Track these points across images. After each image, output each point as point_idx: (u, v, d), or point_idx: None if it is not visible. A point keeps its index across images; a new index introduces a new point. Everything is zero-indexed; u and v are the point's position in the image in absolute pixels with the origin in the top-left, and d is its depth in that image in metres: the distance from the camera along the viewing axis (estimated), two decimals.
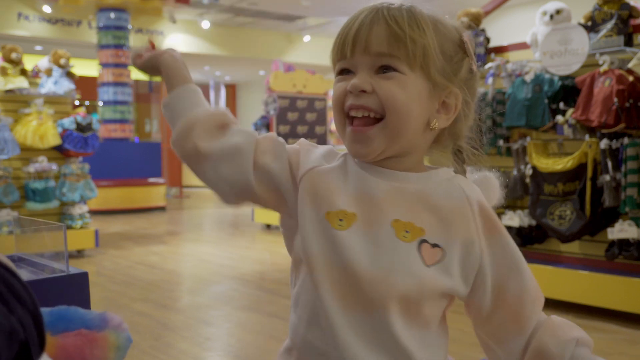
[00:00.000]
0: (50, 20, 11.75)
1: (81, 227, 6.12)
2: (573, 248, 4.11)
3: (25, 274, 1.34)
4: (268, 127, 8.05)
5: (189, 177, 16.26)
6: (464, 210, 0.86)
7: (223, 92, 19.89)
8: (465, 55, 0.90)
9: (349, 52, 0.86)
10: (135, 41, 11.87)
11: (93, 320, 0.73)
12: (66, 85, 6.32)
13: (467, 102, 0.91)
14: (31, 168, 5.87)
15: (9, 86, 5.95)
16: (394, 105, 0.83)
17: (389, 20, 0.84)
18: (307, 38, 14.61)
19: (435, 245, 0.84)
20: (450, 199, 0.87)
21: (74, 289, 1.32)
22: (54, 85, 6.33)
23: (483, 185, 0.96)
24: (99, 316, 0.74)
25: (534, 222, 4.16)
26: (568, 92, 3.95)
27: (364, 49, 0.84)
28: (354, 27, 0.86)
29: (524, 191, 4.20)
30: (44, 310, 0.73)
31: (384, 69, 0.84)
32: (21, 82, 6.04)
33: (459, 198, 0.87)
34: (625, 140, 3.60)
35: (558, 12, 4.11)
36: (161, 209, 10.55)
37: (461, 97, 0.89)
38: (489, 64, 4.39)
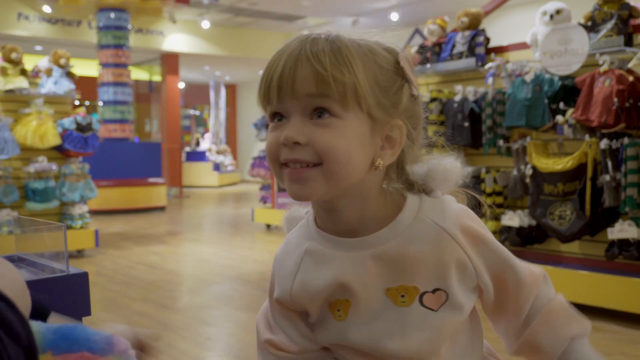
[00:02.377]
0: (50, 20, 11.75)
1: (81, 227, 6.12)
2: (573, 248, 4.11)
3: (25, 274, 1.33)
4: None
5: (189, 177, 16.27)
6: (444, 243, 0.83)
7: (223, 92, 19.89)
8: (404, 82, 0.84)
9: (275, 97, 0.81)
10: (135, 41, 11.87)
11: (98, 343, 0.71)
12: (66, 85, 6.32)
13: (410, 132, 0.85)
14: (31, 168, 5.87)
15: (9, 86, 5.95)
16: (331, 155, 0.78)
17: (313, 60, 0.78)
18: None
19: (436, 290, 0.84)
20: (428, 240, 0.83)
21: (74, 289, 1.32)
22: (54, 85, 6.33)
23: (439, 174, 0.89)
24: (105, 339, 0.72)
25: (534, 222, 4.16)
26: (568, 92, 3.95)
27: (292, 94, 0.79)
28: (278, 70, 0.80)
29: (524, 191, 4.20)
30: (50, 326, 0.71)
31: (318, 113, 0.79)
32: (21, 82, 6.04)
33: (435, 234, 0.83)
34: (625, 140, 3.60)
35: (558, 12, 4.11)
36: (161, 209, 10.55)
37: (405, 129, 0.84)
38: (489, 64, 4.39)
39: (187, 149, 18.03)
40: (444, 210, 0.85)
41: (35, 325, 0.67)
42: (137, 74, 15.33)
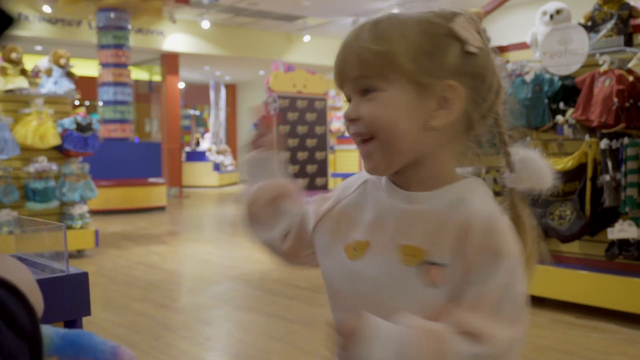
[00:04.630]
0: (50, 20, 11.75)
1: (81, 227, 6.12)
2: (573, 248, 4.11)
3: None
4: None
5: (189, 177, 16.27)
6: (463, 227, 0.82)
7: (223, 92, 19.88)
8: (453, 41, 0.85)
9: (339, 85, 0.90)
10: (135, 41, 11.87)
11: (104, 353, 0.71)
12: (66, 85, 6.32)
13: (474, 89, 0.87)
14: (31, 168, 5.87)
15: (9, 86, 5.95)
16: (378, 125, 0.84)
17: (353, 42, 0.85)
18: (307, 38, 14.61)
19: (440, 265, 0.81)
20: (455, 216, 0.84)
21: (74, 289, 1.32)
22: (54, 85, 6.33)
23: (524, 171, 0.92)
24: (111, 349, 0.72)
25: (534, 222, 4.16)
26: (568, 92, 3.95)
27: (346, 79, 0.87)
28: (336, 61, 0.88)
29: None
30: (58, 331, 0.71)
31: (366, 92, 0.85)
32: (21, 82, 6.04)
33: (463, 214, 0.83)
34: (625, 140, 3.60)
35: (558, 12, 4.11)
36: (161, 209, 10.55)
37: (461, 88, 0.85)
38: None
39: (187, 149, 18.04)
40: (485, 203, 0.87)
41: (44, 329, 0.66)
42: (137, 74, 15.34)
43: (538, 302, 4.01)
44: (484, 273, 0.79)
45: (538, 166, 0.93)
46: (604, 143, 3.68)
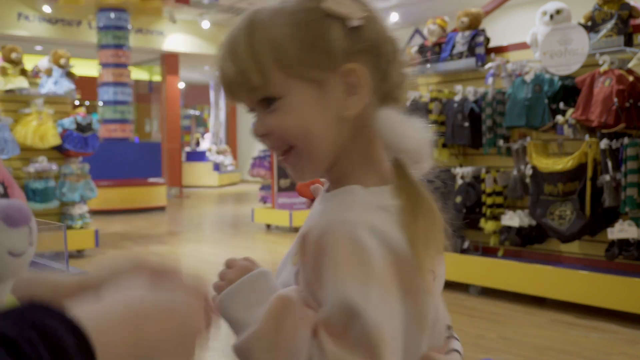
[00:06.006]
0: (50, 20, 11.75)
1: (81, 227, 6.12)
2: (573, 248, 4.11)
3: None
4: None
5: (189, 177, 16.26)
6: (302, 238, 0.76)
7: (223, 92, 19.86)
8: (331, 21, 0.76)
9: (232, 99, 0.82)
10: (135, 41, 11.87)
11: None
12: (66, 85, 6.32)
13: (374, 63, 0.77)
14: (31, 168, 5.86)
15: (9, 86, 5.95)
16: (291, 135, 0.77)
17: (232, 60, 0.77)
18: None
19: (298, 270, 0.77)
20: (305, 224, 0.81)
21: None
22: (54, 85, 6.33)
23: (385, 136, 0.77)
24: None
25: (534, 222, 4.16)
26: (568, 92, 3.95)
27: (236, 94, 0.80)
28: (219, 77, 0.80)
29: (524, 191, 4.20)
30: None
31: (266, 101, 0.78)
32: (21, 82, 6.04)
33: (306, 225, 0.79)
34: (625, 140, 3.60)
35: (558, 12, 4.11)
36: (161, 209, 10.54)
37: (361, 67, 0.76)
38: (489, 64, 4.39)
39: (187, 149, 18.03)
40: (328, 221, 0.74)
41: None
42: (137, 74, 15.33)
43: (538, 302, 4.01)
44: (323, 292, 0.70)
45: (394, 124, 0.77)
46: (604, 143, 3.68)
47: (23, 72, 6.19)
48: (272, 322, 0.71)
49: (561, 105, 3.93)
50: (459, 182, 4.46)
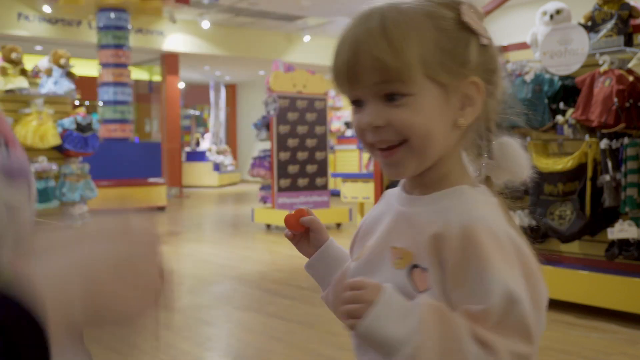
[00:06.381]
0: (50, 20, 11.75)
1: None
2: (573, 248, 4.11)
3: None
4: (268, 127, 8.05)
5: (189, 177, 16.26)
6: (438, 236, 0.79)
7: (223, 92, 19.88)
8: (470, 35, 0.82)
9: (346, 87, 0.84)
10: (135, 41, 11.86)
11: None
12: (66, 85, 6.32)
13: (490, 82, 0.85)
14: (31, 168, 5.86)
15: (9, 86, 5.95)
16: (412, 132, 0.81)
17: (368, 48, 0.79)
18: (307, 38, 14.61)
19: (423, 268, 0.80)
20: (435, 222, 0.81)
21: None
22: (54, 85, 6.33)
23: (502, 158, 0.88)
24: None
25: (534, 222, 4.16)
26: (568, 92, 3.95)
27: (359, 83, 0.81)
28: (340, 60, 0.82)
29: (523, 191, 4.20)
30: None
31: (390, 97, 0.80)
32: (21, 82, 6.04)
33: (441, 222, 0.80)
34: (625, 140, 3.60)
35: (558, 12, 4.11)
36: (161, 209, 10.54)
37: (482, 83, 0.83)
38: None
39: (187, 149, 18.04)
40: (470, 209, 0.81)
41: None
42: (137, 74, 15.33)
43: None
44: (474, 286, 0.74)
45: (516, 154, 0.89)
46: (604, 143, 3.68)
47: (23, 72, 6.19)
48: (436, 332, 0.72)
49: (561, 105, 3.93)
50: None
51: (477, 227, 0.77)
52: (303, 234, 1.02)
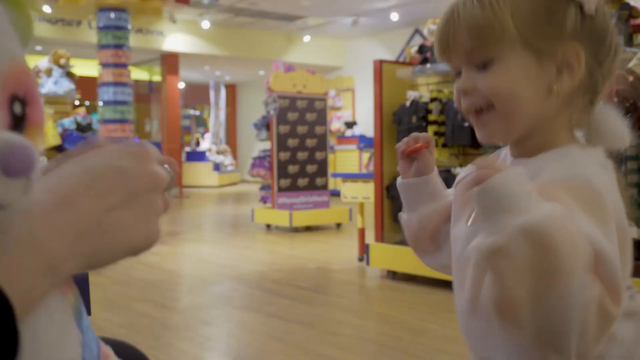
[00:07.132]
0: (50, 20, 11.75)
1: None
2: None
3: None
4: (268, 127, 8.05)
5: (189, 177, 16.27)
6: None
7: (223, 92, 19.89)
8: (570, 2, 0.82)
9: (446, 58, 0.88)
10: (135, 41, 11.87)
11: None
12: (66, 85, 6.32)
13: (595, 51, 0.83)
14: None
15: None
16: (498, 97, 0.83)
17: (462, 14, 0.83)
18: (307, 38, 14.61)
19: None
20: (542, 176, 0.80)
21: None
22: (54, 85, 6.33)
23: (600, 128, 0.86)
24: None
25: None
26: None
27: (455, 52, 0.86)
28: (439, 33, 0.87)
29: None
30: None
31: (481, 63, 0.83)
32: None
33: (549, 175, 0.80)
34: None
35: None
36: None
37: (582, 51, 0.82)
38: None
39: (187, 149, 18.04)
40: (568, 166, 0.80)
41: None
42: (137, 74, 15.33)
43: None
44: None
45: (614, 123, 0.88)
46: None
47: None
48: (563, 210, 0.67)
49: None
50: None
51: (577, 182, 0.77)
52: (412, 155, 1.03)
